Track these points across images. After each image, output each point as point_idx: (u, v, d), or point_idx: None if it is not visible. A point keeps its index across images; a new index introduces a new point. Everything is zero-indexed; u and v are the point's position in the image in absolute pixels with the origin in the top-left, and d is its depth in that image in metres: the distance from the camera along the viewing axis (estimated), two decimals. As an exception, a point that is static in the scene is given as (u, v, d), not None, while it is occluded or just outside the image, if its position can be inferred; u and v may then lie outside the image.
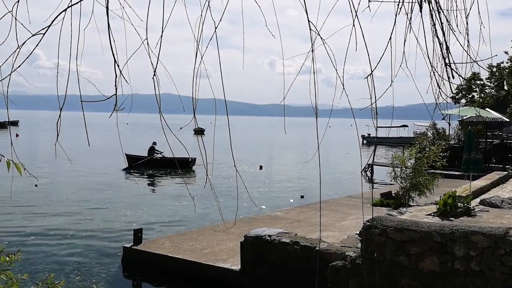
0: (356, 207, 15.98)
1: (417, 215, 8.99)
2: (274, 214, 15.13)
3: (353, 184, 26.01)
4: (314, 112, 2.54)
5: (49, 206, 18.84)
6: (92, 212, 18.03)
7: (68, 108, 2.31)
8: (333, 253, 8.51)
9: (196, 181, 26.31)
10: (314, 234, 11.02)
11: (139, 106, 8.03)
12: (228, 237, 11.99)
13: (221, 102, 2.61)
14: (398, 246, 7.38)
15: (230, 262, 10.20)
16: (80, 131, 37.18)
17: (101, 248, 13.18)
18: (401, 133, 68.00)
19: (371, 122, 2.62)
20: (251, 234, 9.78)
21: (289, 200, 21.46)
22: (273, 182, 27.61)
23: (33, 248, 12.89)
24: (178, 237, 12.36)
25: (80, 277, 10.75)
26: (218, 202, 3.99)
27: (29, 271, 5.82)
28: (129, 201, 20.64)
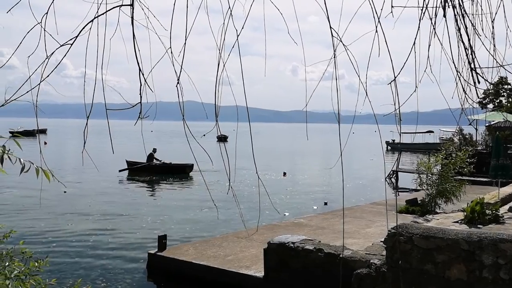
0: (380, 214, 15.78)
1: (443, 223, 8.82)
2: (298, 221, 15.05)
3: (377, 191, 25.71)
4: (336, 118, 2.53)
5: (76, 213, 19.19)
6: (117, 218, 18.28)
7: (94, 116, 2.36)
8: (358, 261, 8.41)
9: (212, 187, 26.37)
10: (338, 241, 10.92)
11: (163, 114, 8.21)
12: (252, 244, 11.98)
13: (243, 109, 2.63)
14: (425, 254, 7.25)
15: (254, 269, 10.18)
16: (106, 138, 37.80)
17: (126, 254, 13.34)
18: (426, 139, 66.86)
19: (395, 128, 2.59)
20: (275, 241, 9.75)
21: (312, 207, 21.32)
22: (296, 189, 27.49)
23: (61, 253, 13.12)
24: (202, 243, 12.41)
25: (106, 283, 10.89)
26: (240, 209, 4.00)
27: (57, 276, 5.93)
28: (153, 207, 20.86)
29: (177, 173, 31.71)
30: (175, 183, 29.00)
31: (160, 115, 2.73)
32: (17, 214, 18.40)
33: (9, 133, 3.98)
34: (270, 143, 79.14)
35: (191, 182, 28.92)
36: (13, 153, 3.21)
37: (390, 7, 2.21)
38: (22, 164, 3.15)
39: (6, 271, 4.19)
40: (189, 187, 27.62)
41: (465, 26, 2.35)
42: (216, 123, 2.48)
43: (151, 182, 29.37)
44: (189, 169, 32.15)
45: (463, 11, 2.33)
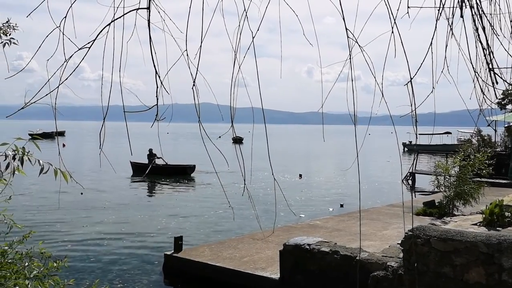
0: (397, 216, 15.63)
1: (462, 225, 8.71)
2: (313, 223, 15.00)
3: (394, 192, 25.48)
4: (352, 119, 2.51)
5: (93, 214, 19.41)
6: (132, 219, 18.45)
7: (111, 118, 2.39)
8: (374, 263, 8.34)
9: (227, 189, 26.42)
10: (354, 244, 10.85)
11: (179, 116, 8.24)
12: (267, 246, 11.97)
13: (259, 110, 2.63)
14: (442, 257, 7.16)
15: (269, 271, 10.17)
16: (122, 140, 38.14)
17: (143, 255, 13.44)
18: (444, 140, 66.10)
19: (412, 129, 2.57)
20: (290, 242, 9.73)
21: (328, 209, 21.23)
22: (312, 191, 27.40)
23: (78, 254, 13.28)
24: (218, 245, 12.44)
25: (123, 284, 10.99)
26: (255, 211, 4.00)
27: (75, 276, 6.00)
28: (167, 209, 20.99)
29: (178, 174, 32.00)
30: (188, 184, 29.12)
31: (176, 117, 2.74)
32: (36, 214, 18.67)
33: (28, 135, 4.05)
34: (286, 145, 79.03)
35: (205, 183, 28.96)
36: (32, 154, 3.27)
37: (406, 8, 2.20)
38: (41, 166, 3.20)
39: (25, 271, 4.26)
40: (203, 188, 27.67)
41: (482, 26, 2.32)
42: (231, 125, 2.49)
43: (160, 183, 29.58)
44: (190, 170, 32.35)
45: (481, 10, 2.30)
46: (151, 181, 30.03)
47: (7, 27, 6.16)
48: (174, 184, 29.46)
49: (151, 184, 29.29)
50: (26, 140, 3.37)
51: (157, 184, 29.23)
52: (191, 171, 32.48)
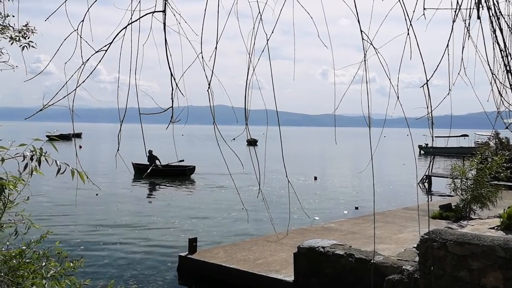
0: (413, 220, 15.48)
1: (479, 229, 8.59)
2: (328, 226, 14.93)
3: (410, 195, 25.26)
4: (367, 122, 2.50)
5: (109, 215, 19.60)
6: (147, 220, 18.58)
7: (127, 120, 2.41)
8: (390, 267, 8.27)
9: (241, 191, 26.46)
10: (369, 247, 10.77)
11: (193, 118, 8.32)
12: (281, 248, 11.95)
13: (273, 113, 2.63)
14: (459, 261, 7.07)
15: (284, 273, 10.15)
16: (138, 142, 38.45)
17: (157, 256, 13.52)
18: (461, 143, 65.31)
19: (428, 131, 2.55)
20: (305, 245, 9.70)
21: (343, 212, 21.12)
22: (326, 193, 27.28)
23: (94, 254, 13.42)
24: (232, 247, 12.46)
25: (138, 284, 11.06)
26: (270, 213, 4.00)
27: (90, 277, 6.06)
28: (181, 210, 21.09)
29: (178, 176, 32.24)
30: (200, 186, 29.20)
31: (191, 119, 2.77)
32: (53, 215, 18.90)
33: (46, 136, 4.11)
34: (300, 147, 78.85)
35: (219, 185, 29.00)
36: (50, 155, 3.32)
37: (422, 9, 2.18)
38: (58, 166, 3.25)
39: (42, 271, 4.32)
40: (216, 190, 27.71)
41: (500, 27, 2.29)
42: (246, 127, 2.50)
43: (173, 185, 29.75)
44: (190, 171, 32.62)
45: (498, 12, 2.28)
46: (160, 183, 30.20)
47: (26, 30, 6.27)
48: (189, 186, 29.59)
49: (164, 185, 29.45)
50: (43, 141, 3.42)
51: (169, 186, 29.37)
52: (190, 172, 32.79)
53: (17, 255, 4.34)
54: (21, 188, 3.76)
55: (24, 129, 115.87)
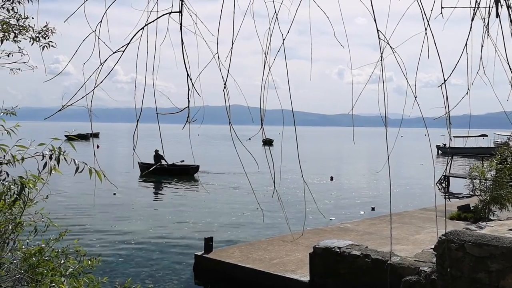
0: (430, 220, 15.31)
1: (498, 230, 8.46)
2: (344, 226, 14.85)
3: (427, 196, 24.97)
4: (383, 121, 2.48)
5: (125, 213, 19.80)
6: (163, 220, 18.72)
7: (144, 120, 2.43)
8: (407, 268, 8.20)
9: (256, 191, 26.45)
10: (386, 248, 10.69)
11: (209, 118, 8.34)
12: (297, 248, 11.93)
13: (289, 113, 2.63)
14: (477, 262, 6.97)
15: (299, 273, 10.13)
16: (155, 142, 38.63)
17: (173, 255, 13.61)
18: (480, 143, 64.37)
19: (446, 131, 2.52)
20: (320, 245, 9.67)
21: (359, 212, 20.98)
22: (342, 193, 27.14)
23: (111, 253, 13.56)
24: (248, 246, 12.47)
25: (154, 283, 11.15)
26: (285, 213, 3.99)
27: (108, 275, 6.14)
28: (196, 209, 21.17)
29: (182, 175, 32.45)
30: (215, 186, 29.24)
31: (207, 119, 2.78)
32: (71, 213, 19.16)
33: (64, 136, 4.17)
34: (316, 147, 78.59)
35: (234, 185, 29.03)
36: (68, 154, 3.37)
37: (440, 8, 2.16)
38: (77, 165, 3.29)
39: (61, 269, 4.38)
40: (230, 190, 27.75)
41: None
42: (261, 126, 2.50)
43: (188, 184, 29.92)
44: (193, 170, 32.96)
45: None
46: (175, 183, 30.37)
47: (46, 30, 6.37)
48: (204, 186, 29.70)
49: (177, 185, 29.60)
50: (62, 140, 3.47)
51: (183, 186, 29.52)
52: (194, 171, 33.18)
53: (36, 253, 4.41)
54: (40, 187, 3.82)
55: (44, 129, 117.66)
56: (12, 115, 4.59)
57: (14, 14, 6.25)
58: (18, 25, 6.29)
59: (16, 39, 6.37)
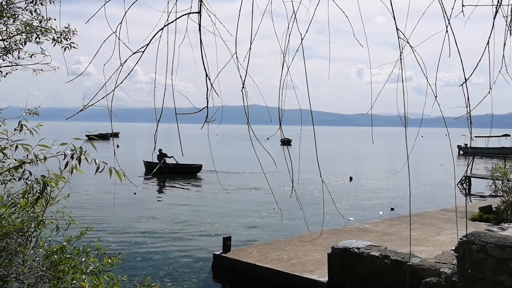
0: (451, 221, 15.10)
1: (521, 232, 8.29)
2: (363, 226, 14.74)
3: (448, 197, 24.62)
4: (403, 121, 2.46)
5: (145, 213, 19.98)
6: (180, 219, 18.84)
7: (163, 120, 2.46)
8: (427, 269, 8.10)
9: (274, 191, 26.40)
10: (405, 249, 10.57)
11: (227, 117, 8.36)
12: (315, 248, 11.88)
13: (307, 112, 2.62)
14: (499, 264, 6.85)
15: (317, 274, 10.09)
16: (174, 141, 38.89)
17: (192, 254, 13.70)
18: (502, 143, 63.15)
19: (467, 131, 2.48)
20: (339, 246, 9.61)
21: (378, 212, 20.80)
22: (361, 194, 26.92)
23: (131, 251, 13.70)
24: (266, 246, 12.48)
25: (173, 282, 11.23)
26: (303, 213, 3.98)
27: (128, 273, 6.21)
28: (214, 209, 21.24)
29: (185, 174, 32.77)
30: (233, 186, 29.30)
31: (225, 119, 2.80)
32: (92, 212, 19.42)
33: (85, 136, 4.23)
34: (334, 147, 78.15)
35: (251, 184, 29.04)
36: (89, 154, 3.42)
37: (461, 6, 2.13)
38: (97, 165, 3.34)
39: (82, 266, 4.45)
40: (247, 190, 27.77)
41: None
42: (279, 126, 2.50)
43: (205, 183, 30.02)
44: (196, 170, 33.34)
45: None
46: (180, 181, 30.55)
47: (68, 32, 6.47)
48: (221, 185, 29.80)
49: (194, 185, 29.75)
50: (83, 140, 3.53)
51: (200, 185, 29.65)
52: (197, 171, 33.53)
53: (58, 251, 4.48)
54: (61, 185, 3.89)
55: (65, 129, 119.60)
56: (35, 115, 4.68)
57: (37, 16, 6.37)
58: (41, 27, 6.41)
59: (38, 40, 6.50)
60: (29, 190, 3.97)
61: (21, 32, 6.49)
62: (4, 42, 6.59)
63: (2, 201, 4.40)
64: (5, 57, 6.78)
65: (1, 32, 6.53)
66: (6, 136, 3.81)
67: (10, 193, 4.51)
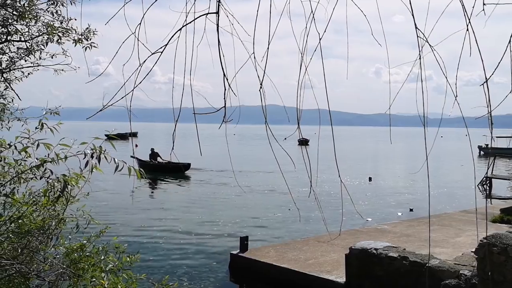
0: (471, 223, 14.87)
1: (544, 234, 8.11)
2: (381, 227, 14.62)
3: (468, 198, 24.26)
4: (422, 121, 2.43)
5: (164, 212, 20.13)
6: (197, 218, 18.93)
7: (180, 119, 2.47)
8: (446, 271, 7.99)
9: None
10: (424, 250, 10.45)
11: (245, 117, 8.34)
12: (333, 249, 11.83)
13: (325, 112, 2.61)
14: (521, 267, 6.71)
15: (335, 274, 10.04)
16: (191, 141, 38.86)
17: (209, 253, 13.76)
18: (524, 143, 61.90)
19: (488, 131, 2.44)
20: (357, 246, 9.55)
21: (396, 213, 20.60)
22: (379, 194, 26.69)
23: (149, 250, 13.82)
24: (283, 246, 12.46)
25: (190, 281, 11.30)
26: (322, 213, 3.97)
27: (146, 271, 6.26)
28: (231, 208, 21.28)
29: (174, 172, 33.16)
30: (248, 186, 29.30)
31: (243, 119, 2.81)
32: (111, 210, 19.62)
33: (104, 135, 4.29)
34: (352, 147, 77.64)
35: (267, 184, 29.02)
36: (108, 153, 3.47)
37: (482, 5, 2.09)
38: (116, 164, 3.38)
39: (101, 265, 4.51)
40: (266, 190, 27.76)
41: None
42: (298, 126, 2.50)
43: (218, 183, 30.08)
44: (185, 168, 33.75)
45: None
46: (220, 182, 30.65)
47: (88, 32, 6.57)
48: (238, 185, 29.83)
49: (212, 184, 29.82)
50: (102, 139, 3.58)
51: (217, 184, 29.71)
52: (186, 169, 33.97)
53: (78, 249, 4.55)
54: (81, 184, 3.94)
55: (85, 129, 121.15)
56: (56, 115, 4.76)
57: (58, 17, 6.48)
58: (62, 28, 6.52)
59: (60, 41, 6.61)
60: (50, 189, 4.04)
61: (42, 33, 6.61)
62: (26, 43, 6.72)
63: (24, 199, 4.49)
64: (27, 57, 6.91)
65: (23, 33, 6.66)
66: (28, 135, 3.89)
67: (31, 192, 4.59)
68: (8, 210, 4.47)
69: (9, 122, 6.90)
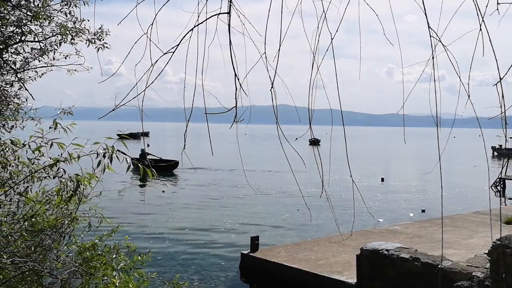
0: (484, 224, 14.71)
1: (559, 236, 7.99)
2: (393, 228, 14.52)
3: (481, 199, 24.00)
4: (435, 121, 2.41)
5: (174, 211, 20.21)
6: (210, 217, 18.96)
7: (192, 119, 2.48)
8: (458, 273, 7.91)
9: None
10: (436, 251, 10.36)
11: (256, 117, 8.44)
12: (344, 249, 11.78)
13: (336, 112, 2.60)
14: (536, 270, 6.63)
15: (346, 275, 10.00)
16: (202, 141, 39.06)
17: (220, 252, 13.78)
18: (539, 144, 61.08)
19: (502, 132, 2.41)
20: (368, 247, 9.50)
21: (408, 214, 20.46)
22: (391, 195, 26.52)
23: (160, 249, 13.88)
24: (294, 246, 12.44)
25: (201, 281, 11.33)
26: (334, 213, 3.96)
27: (157, 270, 6.29)
28: (240, 208, 21.29)
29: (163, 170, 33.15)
30: (257, 186, 29.29)
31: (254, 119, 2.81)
32: (122, 210, 19.75)
33: (116, 135, 4.32)
34: (364, 147, 77.26)
35: (278, 185, 28.98)
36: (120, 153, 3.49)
37: (496, 4, 2.07)
38: (128, 163, 3.40)
39: (113, 263, 4.54)
40: (277, 190, 27.74)
41: None
42: (309, 126, 2.49)
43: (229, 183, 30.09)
44: (171, 167, 34.13)
45: None
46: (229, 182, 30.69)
47: (101, 32, 6.63)
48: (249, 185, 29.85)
49: (221, 184, 29.85)
50: (115, 139, 3.61)
51: (226, 185, 29.74)
52: (172, 168, 34.30)
53: (90, 247, 4.59)
54: (94, 184, 3.98)
55: (98, 128, 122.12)
56: (69, 114, 4.81)
57: (71, 17, 6.54)
58: (75, 28, 6.58)
59: (73, 41, 6.67)
60: (63, 188, 4.08)
61: (56, 34, 6.68)
62: (40, 43, 6.80)
63: (37, 198, 4.54)
64: (41, 58, 6.98)
65: (37, 33, 6.73)
66: (41, 135, 3.93)
67: (44, 190, 4.64)
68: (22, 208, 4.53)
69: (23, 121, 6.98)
